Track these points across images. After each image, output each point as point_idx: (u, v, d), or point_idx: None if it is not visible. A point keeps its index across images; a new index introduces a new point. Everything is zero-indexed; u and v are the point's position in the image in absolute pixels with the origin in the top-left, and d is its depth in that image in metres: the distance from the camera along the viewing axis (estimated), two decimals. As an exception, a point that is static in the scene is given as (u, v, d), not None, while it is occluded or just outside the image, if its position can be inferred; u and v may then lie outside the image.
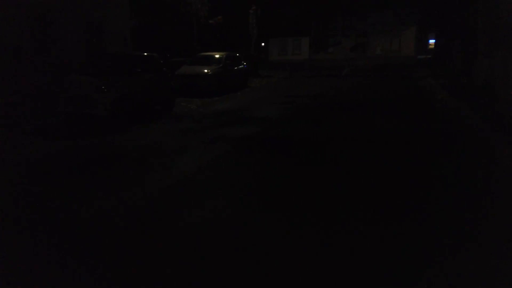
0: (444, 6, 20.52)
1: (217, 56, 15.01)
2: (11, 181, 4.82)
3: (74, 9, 13.21)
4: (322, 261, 2.82)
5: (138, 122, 8.49)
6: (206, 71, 13.72)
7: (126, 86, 8.51)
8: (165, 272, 2.73)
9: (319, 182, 4.53)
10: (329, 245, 3.03)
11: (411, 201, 3.89)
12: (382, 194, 4.08)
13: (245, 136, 6.96)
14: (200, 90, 13.54)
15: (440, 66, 22.16)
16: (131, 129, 7.80)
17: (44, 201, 4.07)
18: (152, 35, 20.59)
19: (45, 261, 2.92)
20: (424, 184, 4.39)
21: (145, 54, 9.98)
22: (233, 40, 24.02)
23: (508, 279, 2.59)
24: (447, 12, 20.26)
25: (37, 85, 11.06)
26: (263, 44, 65.21)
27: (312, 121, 8.33)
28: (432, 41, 43.80)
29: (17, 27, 11.37)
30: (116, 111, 8.07)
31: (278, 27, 51.30)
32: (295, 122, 8.31)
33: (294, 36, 56.48)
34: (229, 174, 4.93)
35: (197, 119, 9.10)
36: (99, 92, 7.96)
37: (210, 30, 21.29)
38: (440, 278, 2.59)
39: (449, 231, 3.22)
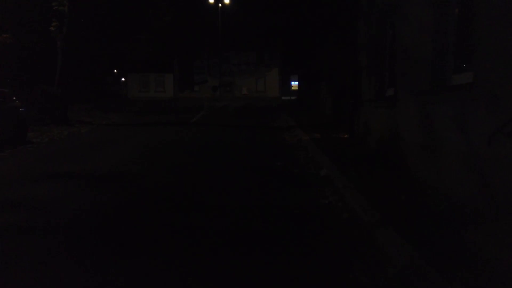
0: (307, 43, 17.28)
1: None
2: None
3: None
4: None
5: None
6: None
7: None
8: None
9: None
10: None
11: None
12: None
13: None
14: None
15: (307, 112, 18.78)
16: None
17: None
18: None
19: None
20: None
21: None
22: (33, 69, 16.62)
23: None
24: (311, 50, 16.98)
25: None
26: (123, 79, 57.56)
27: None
28: (294, 83, 43.06)
29: None
30: None
31: (139, 61, 44.98)
32: None
33: (157, 72, 50.61)
34: None
35: None
36: None
37: (-11, 52, 13.82)
38: None
39: None
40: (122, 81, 55.99)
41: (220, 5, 40.64)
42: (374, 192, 4.84)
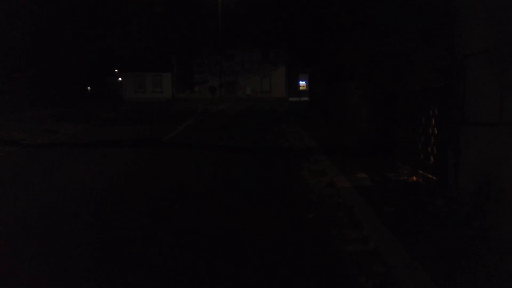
0: (328, 28, 12.74)
1: None
2: None
3: None
4: None
5: None
6: None
7: None
8: None
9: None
10: None
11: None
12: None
13: None
14: None
15: (327, 121, 14.26)
16: None
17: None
18: None
19: None
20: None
21: None
22: None
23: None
24: (333, 39, 12.40)
25: None
26: (120, 79, 53.54)
27: None
28: (302, 83, 38.53)
29: None
30: None
31: (133, 58, 41.03)
32: None
33: (154, 71, 46.41)
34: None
35: None
36: None
37: None
38: None
39: None
40: (119, 81, 51.92)
41: (220, -5, 36.17)
42: None
